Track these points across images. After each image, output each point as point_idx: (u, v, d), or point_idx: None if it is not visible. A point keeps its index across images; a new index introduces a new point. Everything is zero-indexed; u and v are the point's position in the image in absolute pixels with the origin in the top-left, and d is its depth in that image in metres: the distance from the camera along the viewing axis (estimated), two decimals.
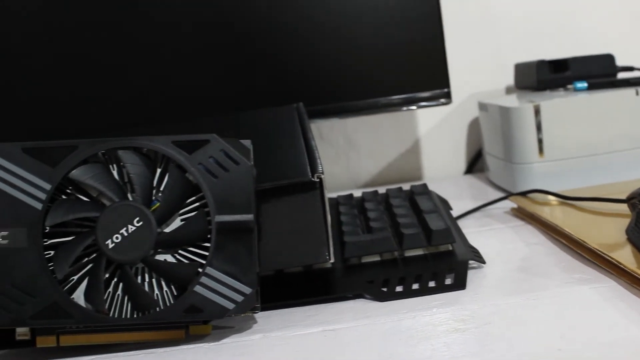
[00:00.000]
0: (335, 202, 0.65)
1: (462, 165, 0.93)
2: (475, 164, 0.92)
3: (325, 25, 0.74)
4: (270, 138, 0.55)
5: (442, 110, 0.91)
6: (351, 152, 0.91)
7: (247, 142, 0.43)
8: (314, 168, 0.48)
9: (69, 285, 0.42)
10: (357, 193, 0.69)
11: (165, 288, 0.43)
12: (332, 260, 0.48)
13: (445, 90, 0.75)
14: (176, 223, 0.43)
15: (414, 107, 0.76)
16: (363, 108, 0.75)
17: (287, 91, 0.75)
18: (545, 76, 0.80)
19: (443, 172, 0.92)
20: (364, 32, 0.75)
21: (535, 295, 0.44)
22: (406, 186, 0.72)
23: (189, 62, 0.75)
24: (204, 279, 0.42)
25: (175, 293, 0.43)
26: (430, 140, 0.92)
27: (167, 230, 0.43)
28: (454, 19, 0.86)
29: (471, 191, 0.80)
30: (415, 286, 0.48)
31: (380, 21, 0.75)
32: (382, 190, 0.71)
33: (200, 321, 0.44)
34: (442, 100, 0.75)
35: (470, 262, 0.50)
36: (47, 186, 0.42)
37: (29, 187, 0.42)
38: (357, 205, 0.62)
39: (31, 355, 0.45)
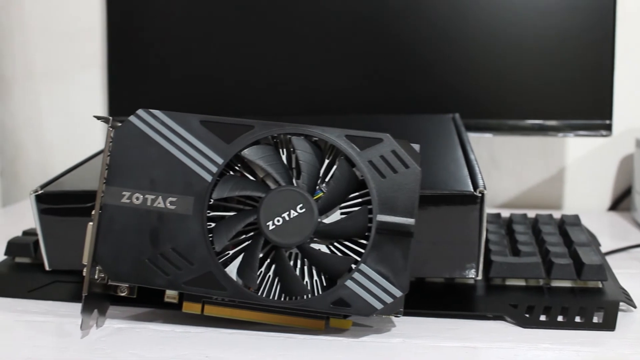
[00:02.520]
0: None
1: (606, 201, 0.89)
2: (621, 201, 0.88)
3: (490, 39, 0.73)
4: (427, 145, 0.55)
5: (594, 141, 0.87)
6: (493, 170, 0.89)
7: (417, 147, 0.43)
8: (475, 182, 0.47)
9: (224, 259, 0.44)
10: (495, 212, 0.67)
11: (315, 277, 0.44)
12: (479, 278, 0.48)
13: (607, 122, 0.72)
14: (336, 215, 0.44)
15: (570, 135, 0.73)
16: (518, 128, 0.73)
17: (441, 100, 0.75)
18: None
19: (585, 205, 0.89)
20: (529, 51, 0.73)
21: None
22: (547, 214, 0.70)
23: (347, 60, 0.75)
24: (356, 275, 0.42)
25: (324, 284, 0.43)
26: (577, 170, 0.88)
27: (326, 221, 0.43)
28: (624, 49, 0.83)
29: (613, 229, 0.77)
30: (560, 318, 0.47)
31: (549, 43, 0.73)
32: (519, 212, 0.69)
33: (342, 315, 0.44)
34: (602, 132, 0.72)
35: (621, 303, 0.48)
36: (220, 160, 0.43)
37: (203, 158, 0.43)
38: (505, 225, 0.61)
39: (174, 318, 0.47)
